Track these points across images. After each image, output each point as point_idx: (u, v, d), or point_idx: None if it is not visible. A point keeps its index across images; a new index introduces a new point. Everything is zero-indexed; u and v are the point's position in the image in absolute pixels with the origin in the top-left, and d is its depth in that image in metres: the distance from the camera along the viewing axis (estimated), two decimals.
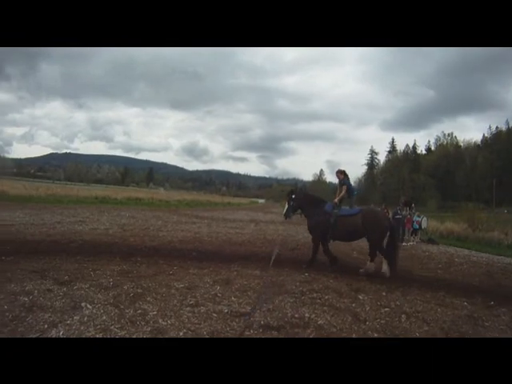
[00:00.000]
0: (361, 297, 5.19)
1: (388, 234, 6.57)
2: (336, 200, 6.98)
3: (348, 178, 7.31)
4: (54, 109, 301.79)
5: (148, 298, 4.54)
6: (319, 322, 4.02)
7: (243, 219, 20.26)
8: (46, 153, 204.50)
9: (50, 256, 6.42)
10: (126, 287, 4.93)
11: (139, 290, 4.83)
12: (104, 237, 9.43)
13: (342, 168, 7.32)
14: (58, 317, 3.75)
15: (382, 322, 4.27)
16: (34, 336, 3.27)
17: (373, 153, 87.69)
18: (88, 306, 4.13)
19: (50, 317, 3.74)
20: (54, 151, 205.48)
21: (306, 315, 4.19)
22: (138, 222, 13.74)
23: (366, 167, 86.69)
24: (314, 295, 5.06)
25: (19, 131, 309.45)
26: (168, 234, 10.69)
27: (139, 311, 4.07)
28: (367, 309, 4.64)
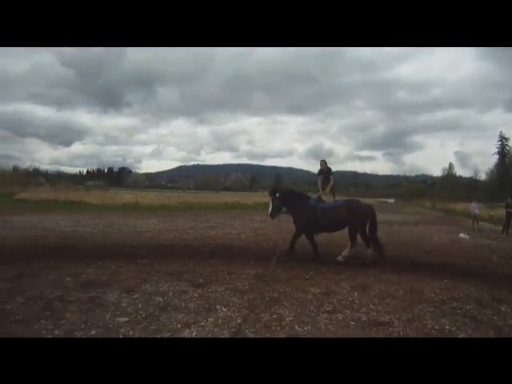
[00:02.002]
0: (503, 308, 4.94)
1: (369, 221, 7.60)
2: (328, 190, 8.17)
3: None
4: (178, 126, 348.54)
5: (284, 303, 4.70)
6: (460, 336, 3.95)
7: None
8: (174, 166, 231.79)
9: (184, 259, 7.12)
10: (261, 291, 5.17)
11: (275, 295, 5.03)
12: (237, 241, 10.01)
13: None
14: (192, 318, 4.04)
15: None
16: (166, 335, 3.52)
17: (503, 139, 75.10)
18: (223, 308, 4.40)
19: (184, 317, 4.05)
20: (182, 164, 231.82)
21: (447, 327, 4.13)
22: (270, 226, 14.16)
23: (497, 156, 75.15)
24: (455, 305, 4.97)
25: (147, 149, 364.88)
26: (301, 238, 10.77)
27: (275, 316, 4.22)
28: (510, 323, 4.41)
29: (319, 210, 7.55)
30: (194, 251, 8.09)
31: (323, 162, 8.51)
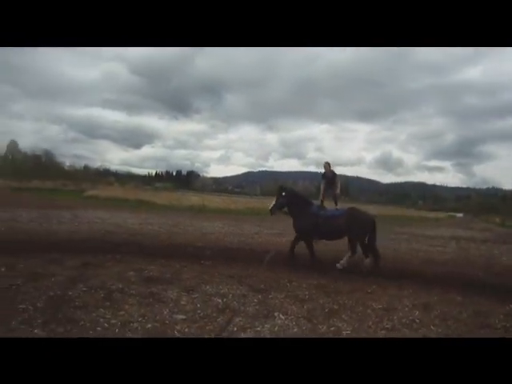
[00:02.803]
0: None
1: (369, 231, 7.66)
2: (338, 191, 8.58)
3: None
4: (246, 132, 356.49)
5: (343, 316, 4.66)
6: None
7: (443, 235, 19.27)
8: (241, 172, 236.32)
9: (247, 263, 7.23)
10: (321, 302, 5.16)
11: (335, 306, 5.00)
12: (302, 249, 9.90)
13: None
14: (249, 322, 4.09)
15: None
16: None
17: None
18: (281, 316, 4.41)
19: (241, 321, 4.11)
20: (250, 170, 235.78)
21: None
22: None
23: None
24: None
25: (216, 154, 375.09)
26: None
27: (332, 328, 4.20)
28: None
29: (320, 217, 7.74)
30: (257, 256, 8.07)
31: (327, 165, 8.53)
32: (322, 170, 8.47)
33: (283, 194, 8.00)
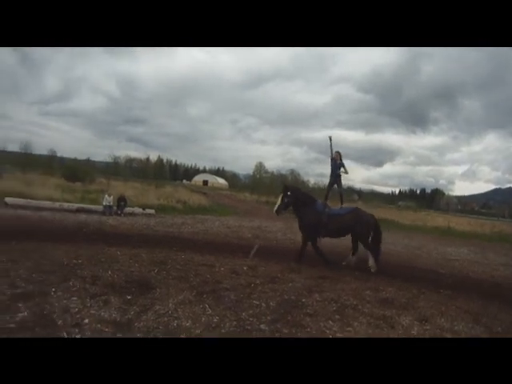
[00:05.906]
0: None
1: (372, 231, 7.98)
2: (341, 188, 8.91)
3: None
4: (490, 142, 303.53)
5: None
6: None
7: None
8: (488, 189, 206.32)
9: (487, 300, 6.41)
10: None
11: None
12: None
13: None
14: None
15: None
16: None
17: None
18: None
19: None
20: (497, 186, 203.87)
21: None
22: None
23: None
24: None
25: (460, 169, 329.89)
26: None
27: None
28: None
29: (325, 215, 7.86)
30: (501, 293, 7.18)
31: (337, 154, 8.51)
32: None
33: (288, 193, 8.01)
